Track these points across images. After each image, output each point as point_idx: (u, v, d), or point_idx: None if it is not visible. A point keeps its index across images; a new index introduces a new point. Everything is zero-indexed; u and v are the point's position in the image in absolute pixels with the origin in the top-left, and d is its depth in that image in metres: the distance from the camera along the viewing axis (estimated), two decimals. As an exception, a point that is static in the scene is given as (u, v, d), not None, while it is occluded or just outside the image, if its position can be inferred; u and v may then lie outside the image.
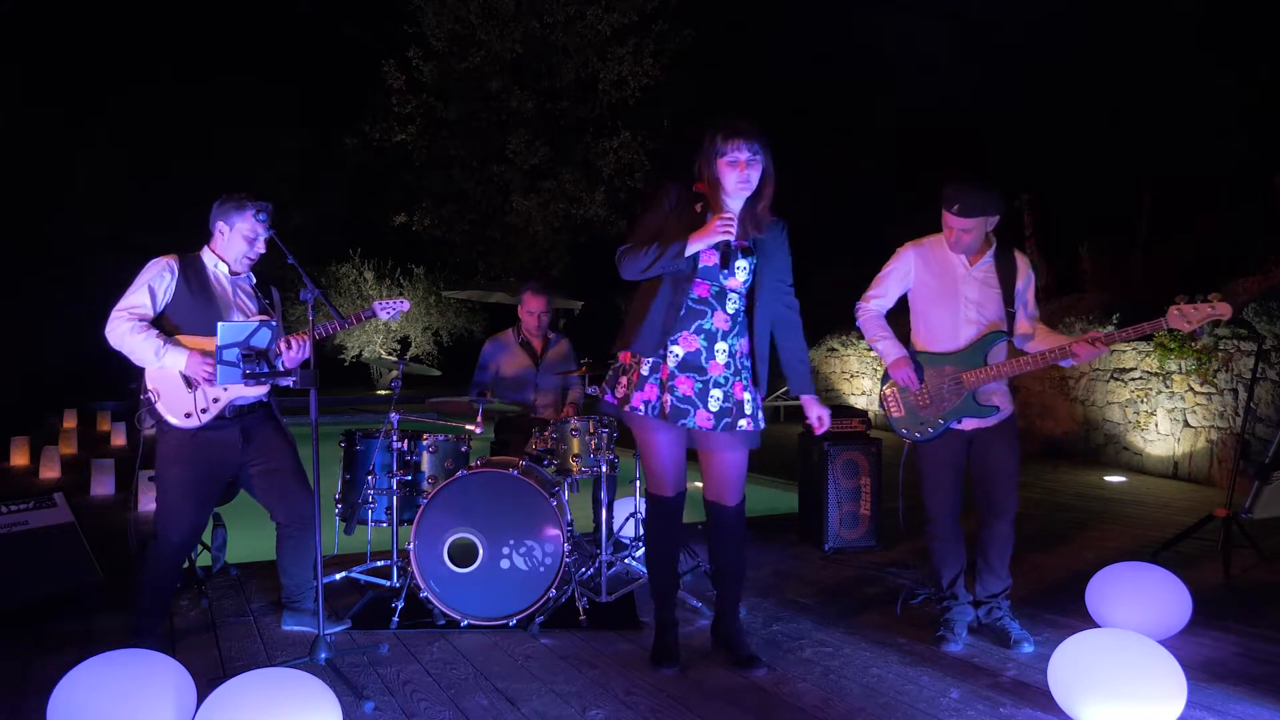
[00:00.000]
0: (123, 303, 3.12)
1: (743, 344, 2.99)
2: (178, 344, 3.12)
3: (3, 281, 16.29)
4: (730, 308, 2.96)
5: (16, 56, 17.78)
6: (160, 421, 3.16)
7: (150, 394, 3.14)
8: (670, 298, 2.93)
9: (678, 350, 2.94)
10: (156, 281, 3.15)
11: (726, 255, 2.86)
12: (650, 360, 2.95)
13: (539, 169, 17.13)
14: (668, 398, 2.91)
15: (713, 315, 2.94)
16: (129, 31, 19.78)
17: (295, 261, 3.05)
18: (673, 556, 3.14)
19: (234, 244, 3.26)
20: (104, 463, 7.24)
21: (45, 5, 18.62)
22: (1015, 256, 3.30)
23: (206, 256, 3.28)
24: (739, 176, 2.88)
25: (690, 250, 2.84)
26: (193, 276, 3.21)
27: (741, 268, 2.93)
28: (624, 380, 2.99)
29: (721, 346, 2.94)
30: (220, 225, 3.26)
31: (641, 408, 2.94)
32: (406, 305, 3.54)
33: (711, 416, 2.93)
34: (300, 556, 3.45)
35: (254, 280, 3.41)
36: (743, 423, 2.95)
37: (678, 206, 2.97)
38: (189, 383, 3.14)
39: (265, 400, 3.37)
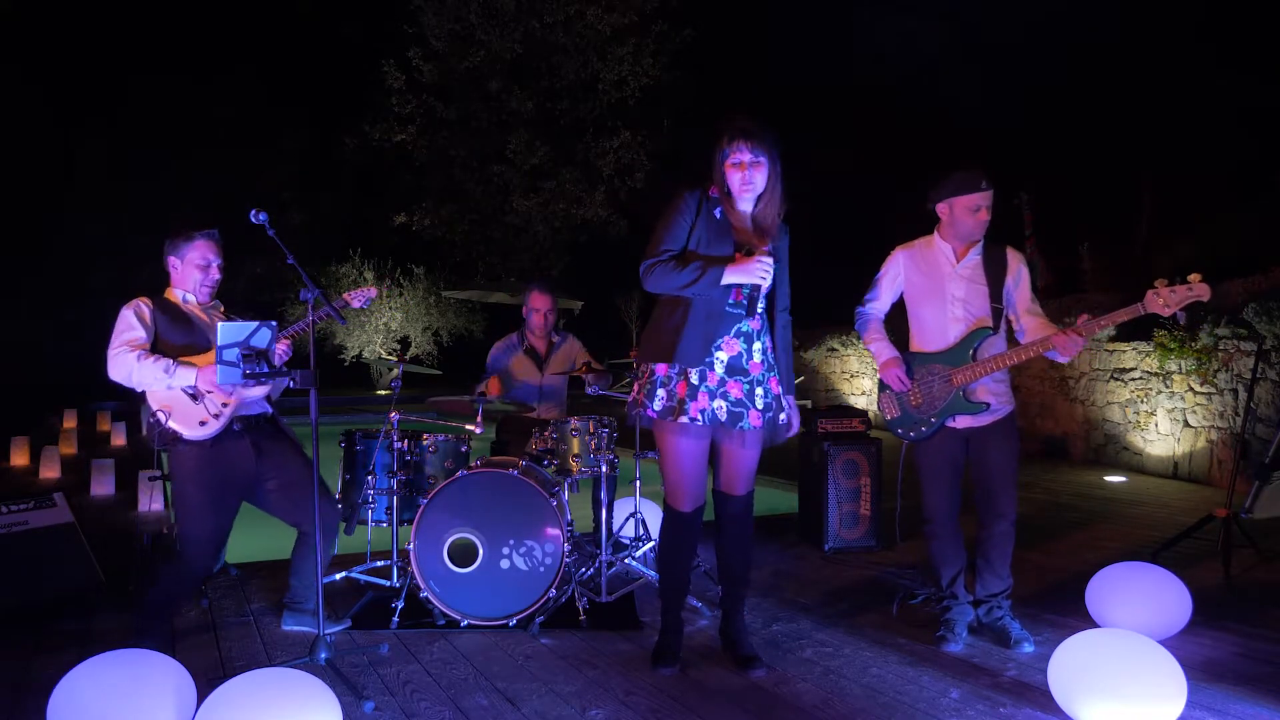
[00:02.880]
0: (117, 341, 3.11)
1: (768, 341, 3.02)
2: (184, 362, 3.13)
3: (3, 281, 16.30)
4: (759, 308, 2.99)
5: (16, 56, 17.78)
6: (174, 440, 3.14)
7: (159, 414, 3.12)
8: (709, 307, 2.92)
9: (722, 356, 2.93)
10: (141, 311, 3.17)
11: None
12: (698, 370, 2.92)
13: (539, 169, 17.14)
14: (722, 404, 2.92)
15: (748, 317, 2.96)
16: (129, 32, 19.79)
17: (295, 261, 3.05)
18: (684, 565, 3.13)
19: (189, 274, 3.27)
20: (104, 463, 7.24)
21: (46, 5, 18.62)
22: (1005, 252, 3.31)
23: (172, 294, 3.30)
24: (741, 179, 2.90)
25: (726, 281, 2.86)
26: (169, 310, 3.24)
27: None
28: (663, 393, 2.94)
29: (757, 346, 2.97)
30: (172, 261, 3.28)
31: (699, 418, 2.90)
32: (374, 293, 3.58)
33: (760, 414, 2.96)
34: (314, 560, 3.44)
35: (222, 307, 3.44)
36: (781, 416, 3.01)
37: (698, 214, 2.95)
38: (193, 396, 3.14)
39: (270, 414, 3.38)
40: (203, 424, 3.14)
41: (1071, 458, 8.58)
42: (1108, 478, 7.44)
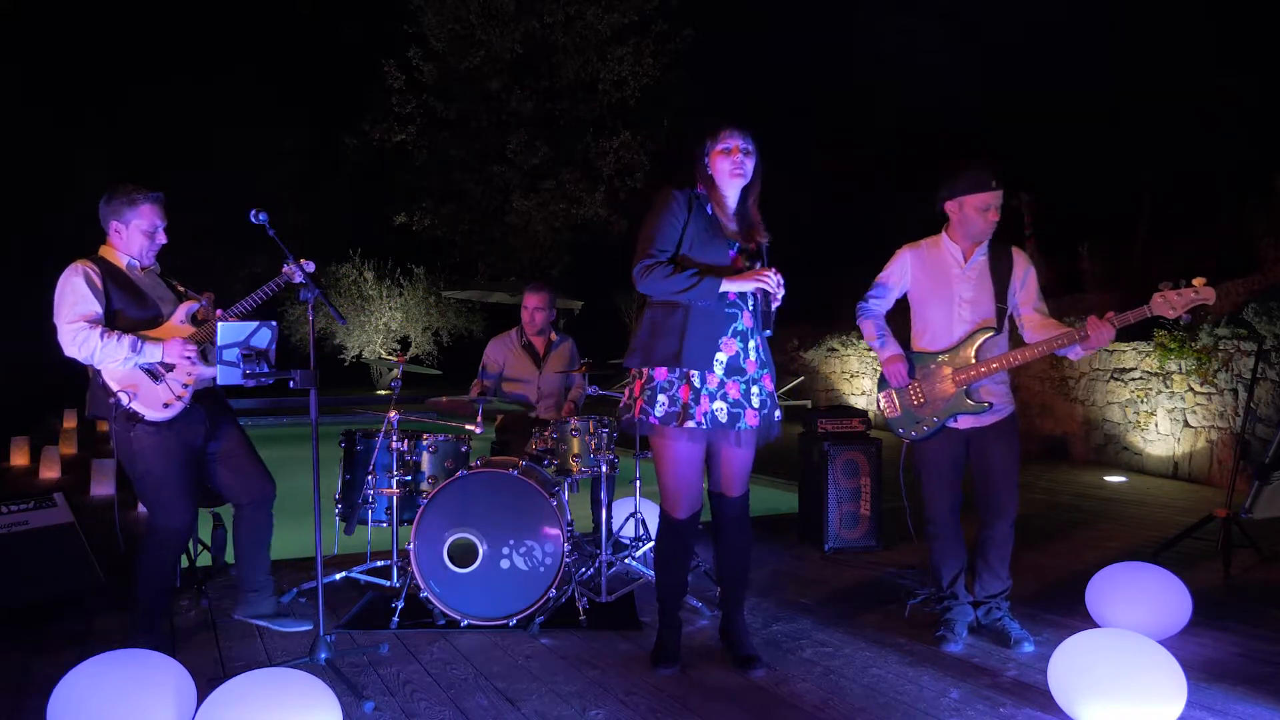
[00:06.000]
0: (71, 314, 2.99)
1: (760, 338, 3.01)
2: (147, 338, 3.08)
3: (3, 281, 16.29)
4: (750, 305, 2.98)
5: (16, 56, 17.77)
6: (132, 420, 3.06)
7: (121, 395, 3.05)
8: (710, 307, 2.90)
9: (721, 356, 2.92)
10: (91, 277, 3.06)
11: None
12: (699, 372, 2.90)
13: (539, 169, 17.13)
14: (722, 405, 2.91)
15: (742, 315, 2.96)
16: (129, 32, 19.79)
17: (294, 261, 3.05)
18: (681, 568, 3.13)
19: (134, 240, 3.17)
20: (104, 463, 7.24)
21: (45, 5, 18.62)
22: (1011, 252, 3.32)
23: (114, 257, 3.19)
24: (734, 164, 2.92)
25: (723, 290, 2.85)
26: (116, 276, 3.14)
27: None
28: (664, 398, 2.91)
29: (752, 344, 2.98)
30: (114, 225, 3.17)
31: (703, 421, 2.88)
32: (311, 266, 3.21)
33: (758, 414, 2.96)
34: (257, 539, 3.41)
35: (159, 269, 3.33)
36: (777, 413, 3.03)
37: (690, 211, 2.93)
38: (154, 375, 3.10)
39: (214, 384, 3.27)
40: (167, 405, 3.11)
41: (1071, 458, 8.58)
42: (1108, 478, 7.44)
